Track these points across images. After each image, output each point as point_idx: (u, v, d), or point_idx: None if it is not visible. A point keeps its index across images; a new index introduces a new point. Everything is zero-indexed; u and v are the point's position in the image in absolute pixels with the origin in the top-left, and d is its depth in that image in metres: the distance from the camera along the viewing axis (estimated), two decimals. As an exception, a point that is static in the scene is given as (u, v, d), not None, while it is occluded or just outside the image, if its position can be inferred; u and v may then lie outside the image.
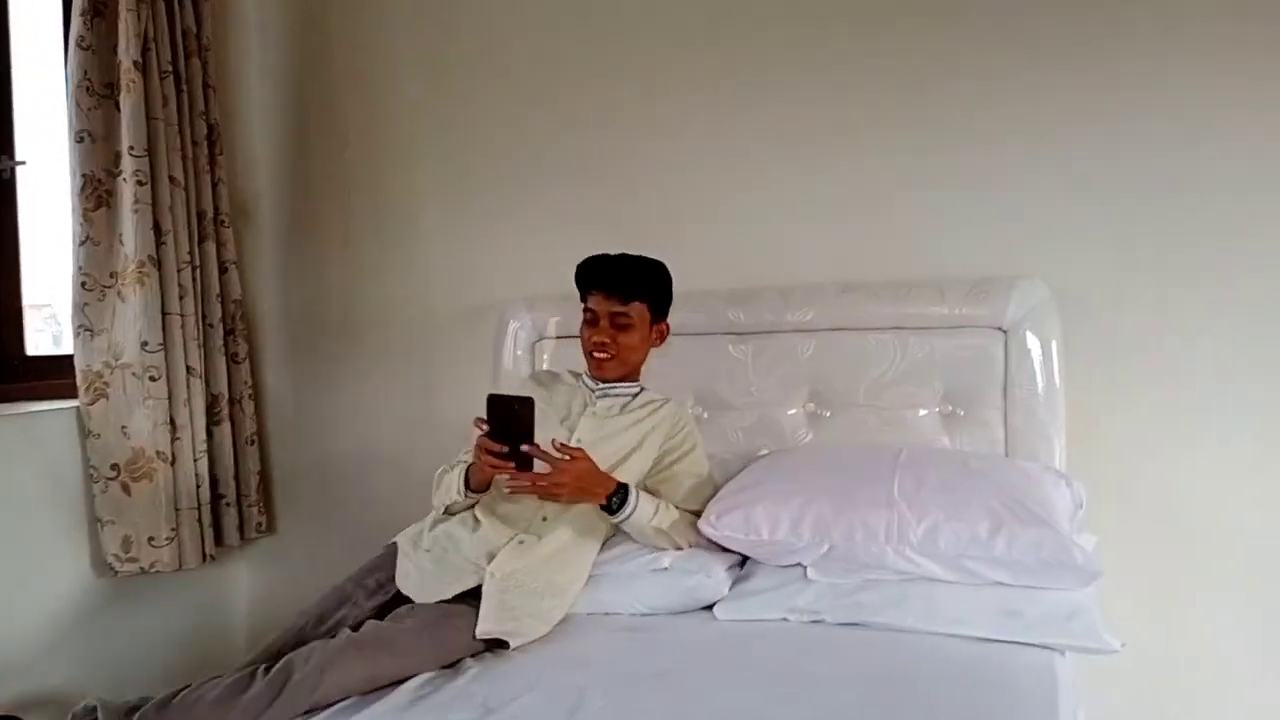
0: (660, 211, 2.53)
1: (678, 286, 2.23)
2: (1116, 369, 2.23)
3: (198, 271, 2.54)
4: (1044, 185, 2.28)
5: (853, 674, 1.68)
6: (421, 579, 1.94)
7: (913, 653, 1.76)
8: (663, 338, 2.19)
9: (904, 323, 2.28)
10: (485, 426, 1.85)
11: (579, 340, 2.16)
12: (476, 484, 1.99)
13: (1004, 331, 2.22)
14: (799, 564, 1.96)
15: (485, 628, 1.82)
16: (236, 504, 2.64)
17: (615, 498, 1.95)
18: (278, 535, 2.81)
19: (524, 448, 1.82)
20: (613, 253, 2.13)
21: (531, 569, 1.94)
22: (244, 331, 2.69)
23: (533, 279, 2.61)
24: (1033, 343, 2.19)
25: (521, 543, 1.97)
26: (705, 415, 2.43)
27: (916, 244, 2.35)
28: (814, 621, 1.91)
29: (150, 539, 2.36)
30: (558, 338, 2.54)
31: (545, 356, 2.56)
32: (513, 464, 1.83)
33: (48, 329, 2.84)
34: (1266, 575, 2.17)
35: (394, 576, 1.97)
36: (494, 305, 2.62)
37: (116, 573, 2.36)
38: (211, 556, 2.50)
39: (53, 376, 2.50)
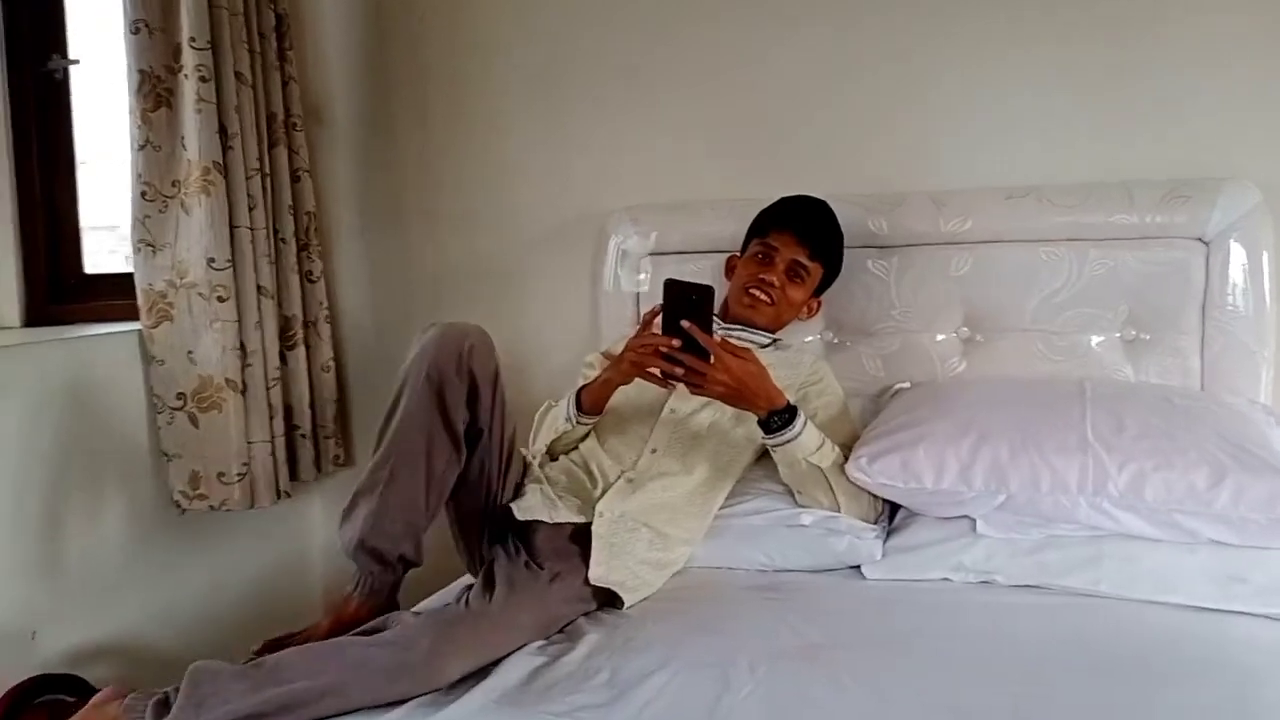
0: (787, 110, 2.20)
1: (812, 191, 1.93)
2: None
3: (268, 180, 2.27)
4: (1251, 71, 1.90)
5: (1045, 647, 1.41)
6: (534, 501, 1.70)
7: (1110, 622, 1.48)
8: (812, 313, 2.02)
9: (1082, 234, 1.94)
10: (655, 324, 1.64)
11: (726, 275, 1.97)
12: (590, 404, 1.74)
13: (1205, 243, 1.87)
14: (965, 516, 1.66)
15: (597, 573, 1.59)
16: (312, 436, 2.41)
17: (779, 416, 1.65)
18: (357, 468, 2.58)
19: (686, 325, 1.57)
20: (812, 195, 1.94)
21: (644, 511, 1.69)
22: (319, 248, 2.43)
23: (634, 190, 2.32)
24: (1240, 255, 1.84)
25: (631, 480, 1.72)
26: (837, 342, 2.12)
27: (1099, 142, 2.00)
28: (983, 583, 1.63)
29: (220, 475, 2.14)
30: (663, 254, 2.23)
31: (644, 276, 2.26)
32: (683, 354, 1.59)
33: (120, 249, 2.61)
34: None
35: None
36: (592, 218, 2.32)
37: (184, 510, 2.16)
38: (286, 493, 2.28)
39: (113, 297, 2.28)
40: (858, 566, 1.69)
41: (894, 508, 1.77)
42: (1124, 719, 1.19)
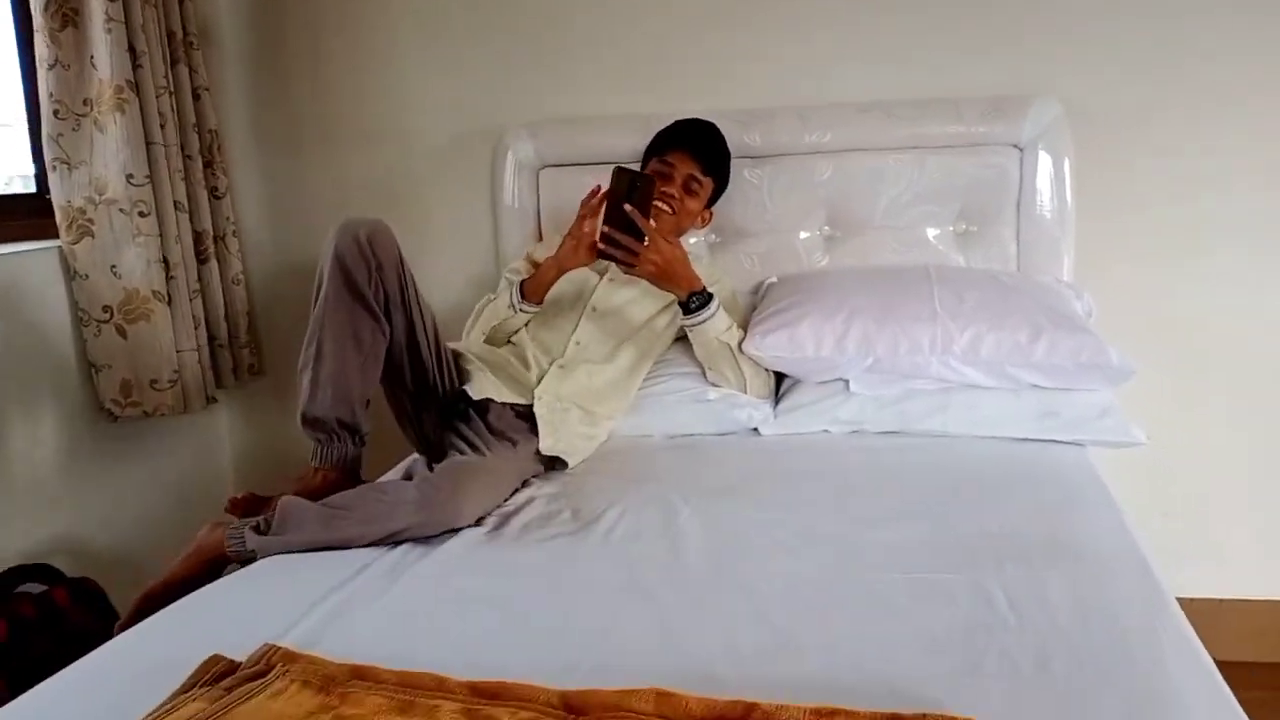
0: (670, 32, 2.44)
1: (692, 108, 2.20)
2: (1123, 187, 2.30)
3: (173, 98, 2.36)
4: (1062, 1, 2.28)
5: (906, 473, 1.78)
6: (484, 383, 1.94)
7: (956, 453, 1.87)
8: (706, 223, 2.27)
9: (921, 142, 2.29)
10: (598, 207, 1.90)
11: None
12: (533, 291, 1.99)
13: (1020, 149, 2.26)
14: (839, 379, 2.01)
15: (547, 444, 1.86)
16: (229, 345, 2.53)
17: (697, 298, 1.95)
18: (266, 376, 2.72)
19: (629, 208, 1.85)
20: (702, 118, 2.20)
21: (574, 394, 1.96)
22: (222, 164, 2.53)
23: (528, 107, 2.52)
24: (1046, 160, 2.24)
25: (562, 367, 1.98)
26: (719, 242, 2.42)
27: (935, 63, 2.34)
28: (854, 432, 1.99)
29: (153, 382, 2.26)
30: (559, 166, 2.46)
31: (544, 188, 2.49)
32: (626, 236, 1.86)
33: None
34: (1267, 386, 2.32)
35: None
36: (488, 133, 2.52)
37: (117, 418, 2.27)
38: (213, 399, 2.42)
39: (24, 216, 2.32)
40: (754, 430, 2.02)
41: (779, 379, 2.10)
42: (973, 516, 1.55)
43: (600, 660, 1.16)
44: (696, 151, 2.16)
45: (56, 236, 2.22)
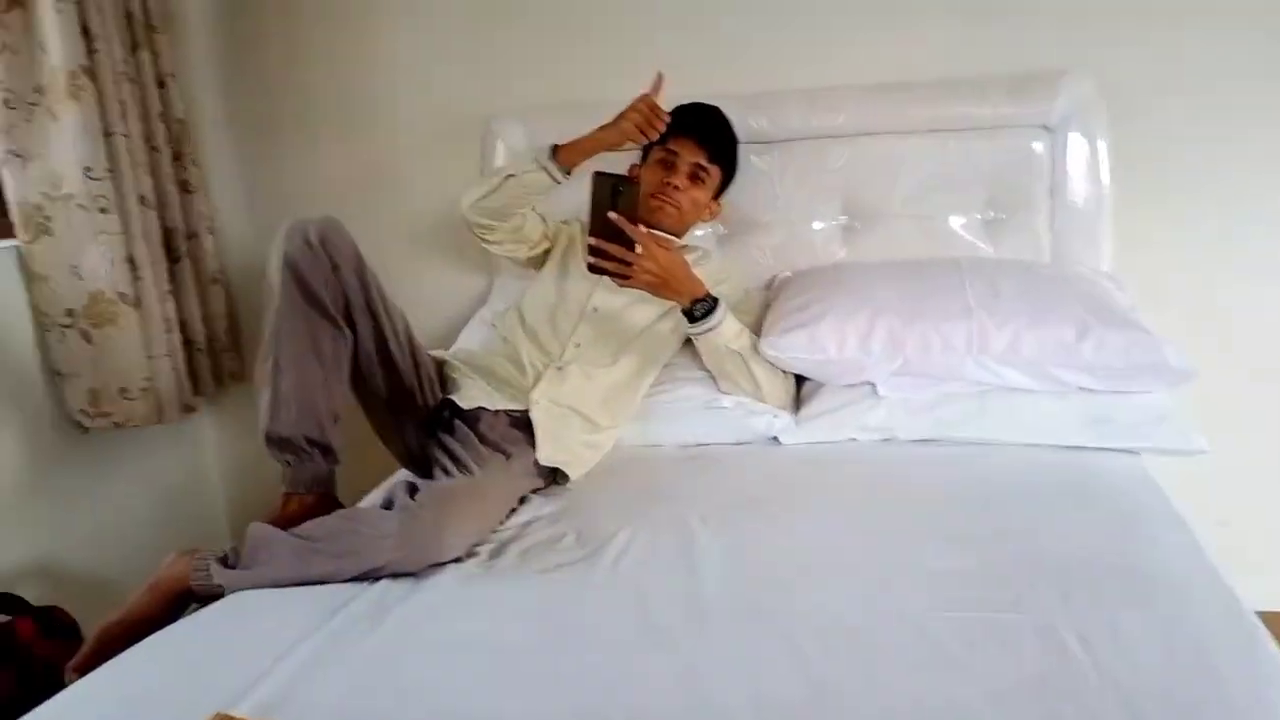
0: (671, 10, 2.27)
1: (693, 93, 2.03)
2: (1163, 169, 2.13)
3: (135, 85, 2.18)
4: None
5: (944, 487, 1.61)
6: (474, 391, 1.78)
7: (998, 463, 1.70)
8: (714, 215, 2.11)
9: (942, 124, 2.12)
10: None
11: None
12: (567, 154, 1.84)
13: (1050, 130, 2.09)
14: (866, 382, 1.84)
15: (545, 453, 1.70)
16: (208, 350, 2.36)
17: (701, 305, 1.77)
18: (252, 382, 2.54)
19: (614, 216, 1.66)
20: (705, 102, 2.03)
21: (573, 399, 1.80)
22: (192, 156, 2.35)
23: (517, 92, 2.36)
24: (1079, 141, 2.07)
25: (560, 370, 1.82)
26: (728, 234, 2.25)
27: (955, 40, 2.16)
28: (885, 440, 1.82)
29: (122, 391, 2.09)
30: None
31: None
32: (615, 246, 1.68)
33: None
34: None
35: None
36: (475, 121, 2.34)
37: (86, 429, 2.09)
38: (191, 407, 2.24)
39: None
40: (774, 439, 1.85)
41: (799, 384, 1.93)
42: (1025, 538, 1.39)
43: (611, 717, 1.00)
44: (702, 138, 1.99)
45: (13, 236, 2.04)
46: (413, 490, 1.52)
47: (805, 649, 1.11)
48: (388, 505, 1.49)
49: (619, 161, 2.10)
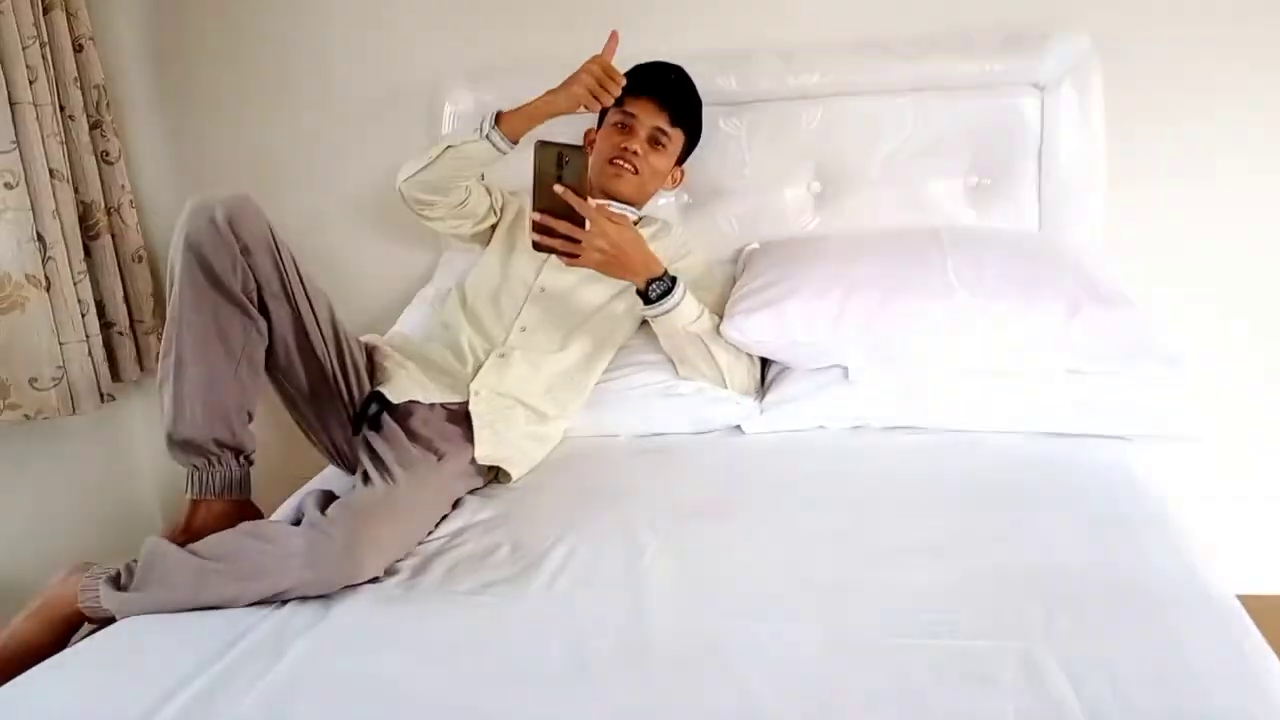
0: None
1: (653, 50, 1.87)
2: (1161, 133, 1.97)
3: (47, 49, 2.00)
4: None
5: (922, 482, 1.48)
6: (406, 383, 1.61)
7: (978, 454, 1.56)
8: (676, 183, 1.96)
9: (925, 83, 1.95)
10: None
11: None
12: (512, 122, 1.65)
13: (1040, 89, 1.93)
14: (836, 366, 1.70)
15: (483, 451, 1.54)
16: (130, 332, 2.20)
17: (658, 284, 1.61)
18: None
19: (560, 189, 1.49)
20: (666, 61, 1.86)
21: (518, 388, 1.64)
22: (114, 125, 2.18)
23: (465, 52, 2.18)
24: (1071, 101, 1.90)
25: (502, 356, 1.66)
26: (692, 203, 2.09)
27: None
28: (856, 428, 1.68)
29: (32, 381, 1.93)
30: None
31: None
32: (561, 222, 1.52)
33: None
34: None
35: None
36: (422, 86, 2.17)
37: (-7, 424, 1.94)
38: (110, 396, 2.08)
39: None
40: (737, 427, 1.71)
41: (764, 366, 1.78)
42: (1008, 544, 1.25)
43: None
44: (662, 99, 1.83)
45: (-89, 213, 1.87)
46: (328, 501, 1.36)
47: (757, 692, 0.97)
48: (297, 520, 1.34)
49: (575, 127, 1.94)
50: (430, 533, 1.40)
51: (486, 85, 2.09)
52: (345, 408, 1.58)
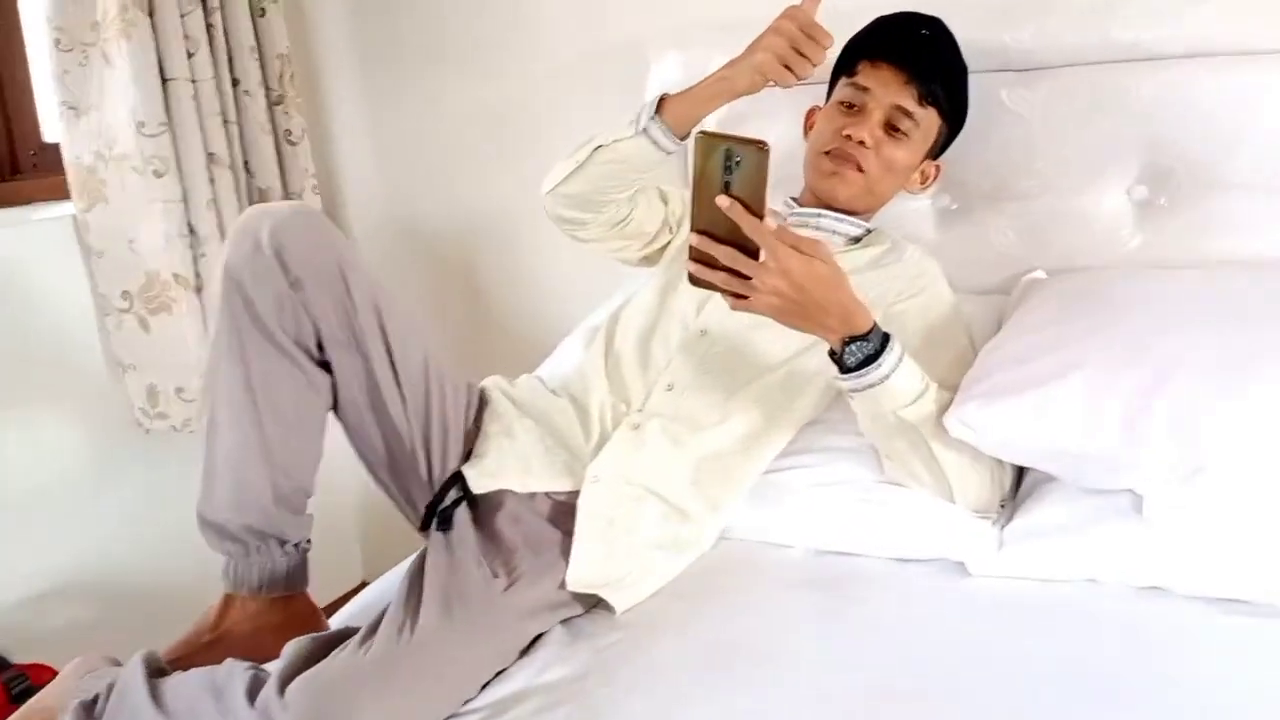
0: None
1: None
2: None
3: (216, 16, 1.79)
4: None
5: (1253, 699, 0.88)
6: (501, 458, 1.22)
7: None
8: (926, 182, 1.44)
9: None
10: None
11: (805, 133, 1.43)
12: (678, 110, 1.22)
13: None
14: (1127, 489, 1.10)
15: (577, 575, 1.11)
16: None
17: (860, 345, 1.10)
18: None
19: (725, 204, 1.00)
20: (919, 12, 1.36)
21: (652, 475, 1.19)
22: (298, 101, 1.95)
23: (679, 5, 1.75)
24: None
25: (637, 428, 1.21)
26: (956, 209, 1.53)
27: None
28: (1149, 589, 1.08)
29: (178, 390, 1.76)
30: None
31: (710, 119, 1.68)
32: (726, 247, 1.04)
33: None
34: None
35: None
36: (632, 48, 1.76)
37: (148, 430, 1.80)
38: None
39: (55, 171, 1.88)
40: (960, 561, 1.16)
41: (1018, 472, 1.22)
42: None
43: None
44: (907, 66, 1.31)
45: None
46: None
47: None
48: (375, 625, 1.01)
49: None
50: (468, 701, 1.00)
51: (697, 46, 1.64)
52: (429, 485, 1.23)
